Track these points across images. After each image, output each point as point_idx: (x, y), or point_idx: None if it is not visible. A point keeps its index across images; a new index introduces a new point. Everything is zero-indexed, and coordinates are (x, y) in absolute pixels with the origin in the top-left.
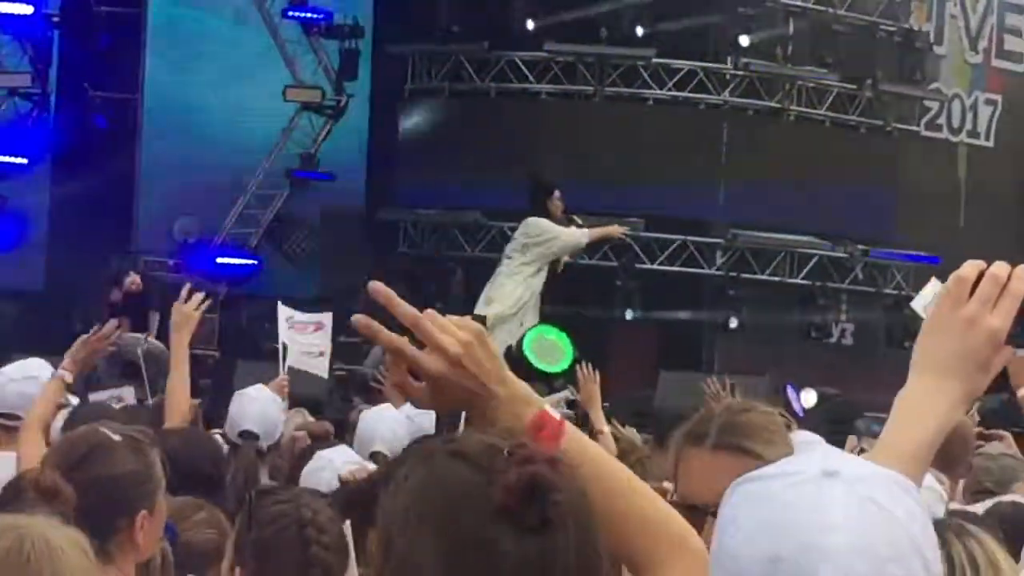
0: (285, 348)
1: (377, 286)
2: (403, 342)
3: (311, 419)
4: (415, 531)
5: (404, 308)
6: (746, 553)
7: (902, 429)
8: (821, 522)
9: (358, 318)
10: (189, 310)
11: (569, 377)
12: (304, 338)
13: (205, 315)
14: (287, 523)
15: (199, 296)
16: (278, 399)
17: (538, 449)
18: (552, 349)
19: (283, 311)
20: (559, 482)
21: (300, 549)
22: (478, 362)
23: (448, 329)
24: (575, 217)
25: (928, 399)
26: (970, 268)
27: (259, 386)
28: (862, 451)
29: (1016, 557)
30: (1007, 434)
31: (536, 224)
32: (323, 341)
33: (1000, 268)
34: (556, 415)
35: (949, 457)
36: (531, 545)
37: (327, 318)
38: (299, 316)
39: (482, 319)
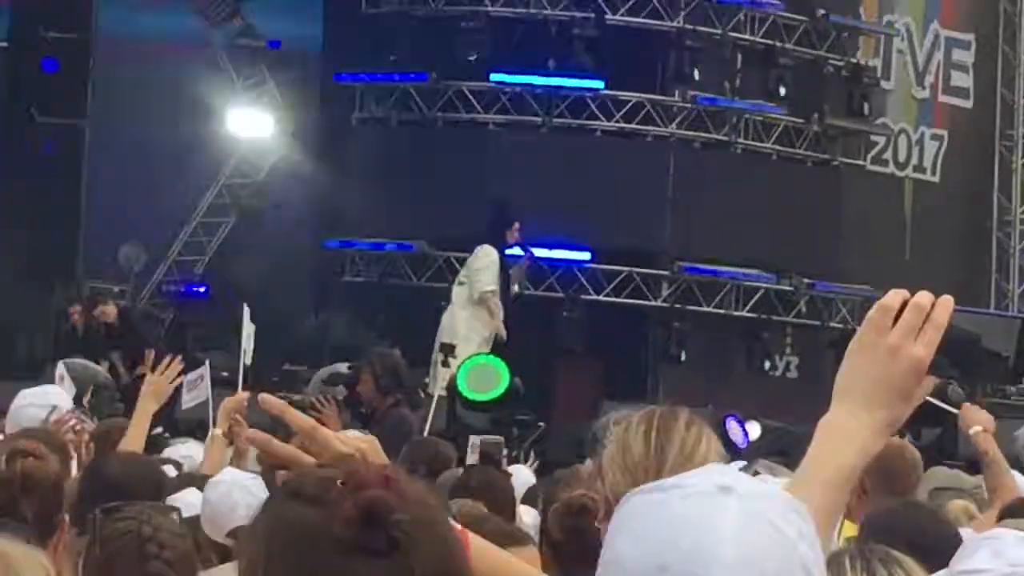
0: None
1: (267, 399)
2: (312, 424)
3: None
4: (270, 574)
5: (298, 419)
6: (634, 561)
7: (824, 455)
8: (711, 534)
9: (264, 398)
10: (164, 382)
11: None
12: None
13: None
14: (128, 540)
15: (175, 365)
16: (255, 481)
17: (372, 473)
18: (487, 376)
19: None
20: (397, 502)
21: (140, 564)
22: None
23: (344, 439)
24: (532, 250)
25: (850, 426)
26: (894, 297)
27: (228, 470)
28: None
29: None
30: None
31: (481, 251)
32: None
33: (923, 297)
34: (457, 526)
35: (893, 481)
36: (381, 569)
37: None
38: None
39: (451, 347)
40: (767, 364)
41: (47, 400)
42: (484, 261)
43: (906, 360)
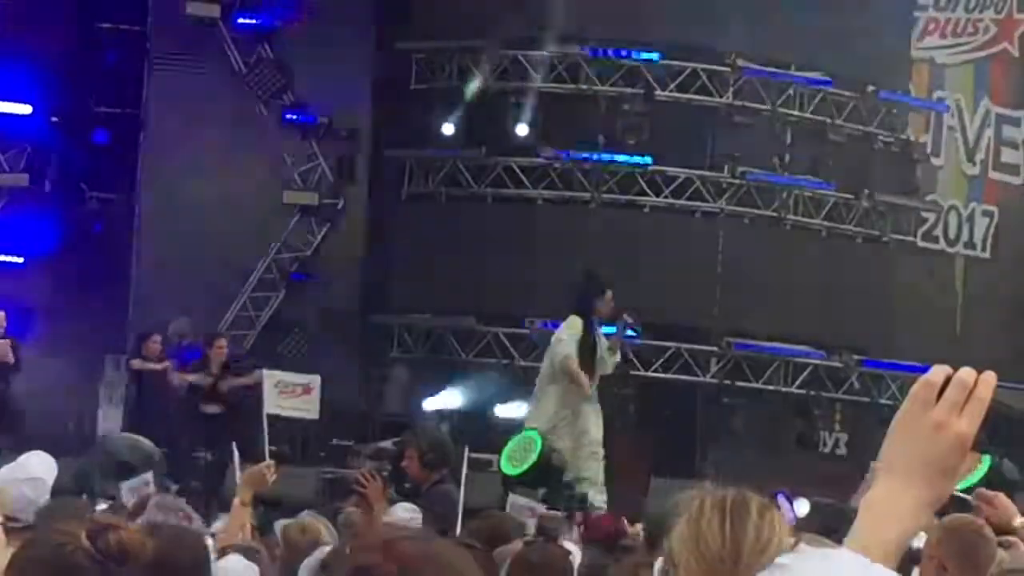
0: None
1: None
2: None
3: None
4: None
5: None
6: None
7: (868, 532)
8: None
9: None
10: (266, 473)
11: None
12: (290, 402)
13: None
14: None
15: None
16: (252, 567)
17: (374, 540)
18: (525, 449)
19: (269, 377)
20: (387, 567)
21: None
22: None
23: None
24: (626, 316)
25: (894, 503)
26: (938, 372)
27: (233, 557)
28: None
29: None
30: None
31: (563, 324)
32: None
33: (967, 373)
34: None
35: (974, 559)
36: None
37: (315, 380)
38: (288, 378)
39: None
40: (816, 440)
41: (30, 473)
42: (563, 333)
43: (950, 436)
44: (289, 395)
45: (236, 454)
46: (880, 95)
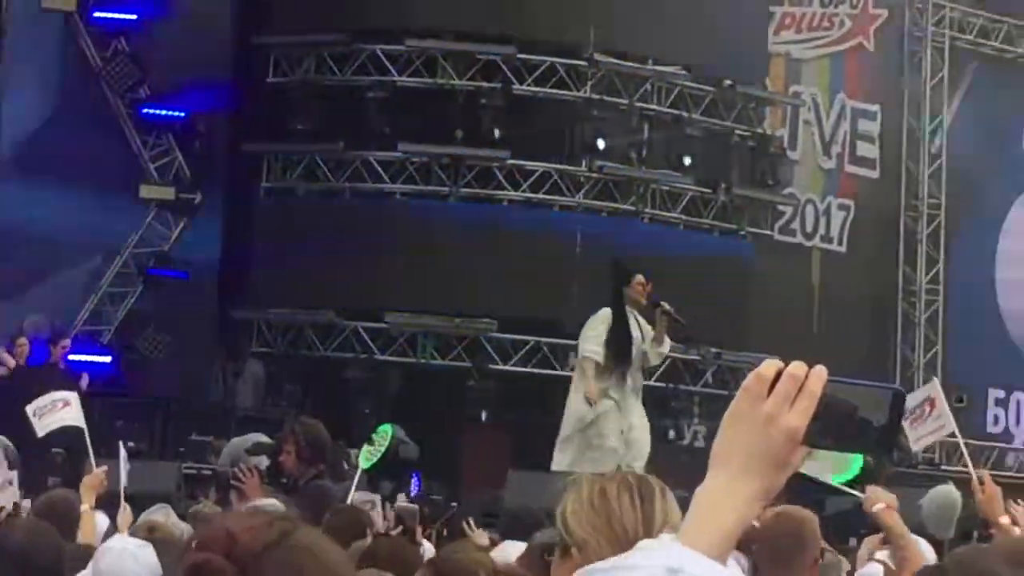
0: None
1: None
2: None
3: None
4: None
5: None
6: None
7: (700, 524)
8: None
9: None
10: (102, 477)
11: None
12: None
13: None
14: None
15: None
16: (145, 548)
17: (216, 534)
18: (380, 442)
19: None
20: (221, 563)
21: None
22: None
23: None
24: (663, 304)
25: (725, 496)
26: (769, 366)
27: (119, 537)
28: None
29: None
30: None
31: (591, 318)
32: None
33: (798, 367)
34: None
35: (783, 555)
36: None
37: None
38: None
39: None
40: (675, 433)
41: None
42: (589, 327)
43: (781, 429)
44: (49, 413)
45: (124, 452)
46: (737, 89)
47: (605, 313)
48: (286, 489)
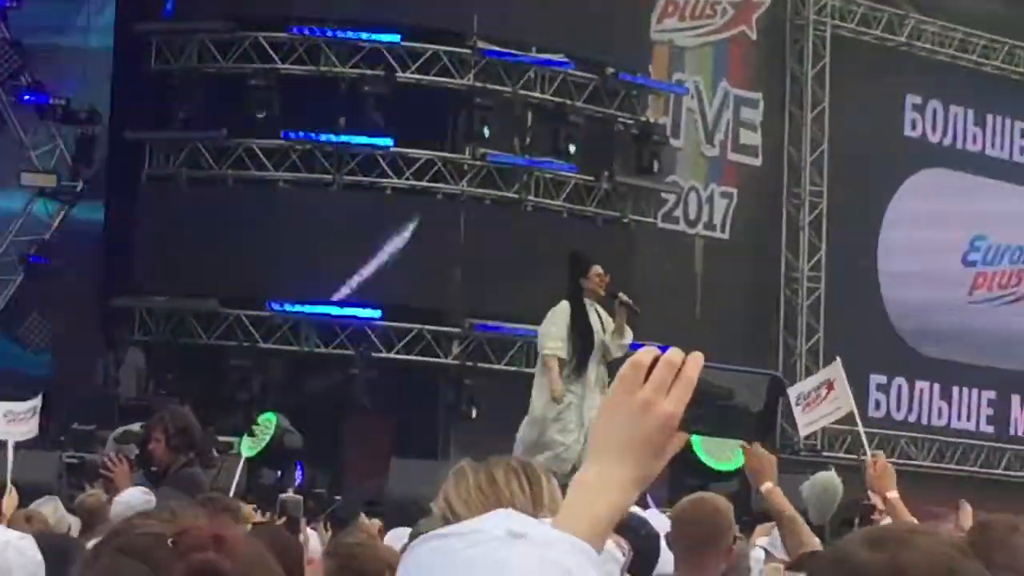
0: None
1: None
2: None
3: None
4: None
5: None
6: None
7: (578, 510)
8: None
9: None
10: None
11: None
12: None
13: None
14: None
15: None
16: (27, 541)
17: (202, 533)
18: (263, 431)
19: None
20: (228, 565)
21: None
22: None
23: None
24: (621, 295)
25: (602, 483)
26: (646, 354)
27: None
28: None
29: None
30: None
31: (550, 312)
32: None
33: (674, 354)
34: None
35: (700, 541)
36: None
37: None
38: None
39: None
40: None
41: None
42: (549, 322)
43: (657, 416)
44: (19, 423)
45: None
46: (620, 77)
47: (563, 307)
48: (156, 477)
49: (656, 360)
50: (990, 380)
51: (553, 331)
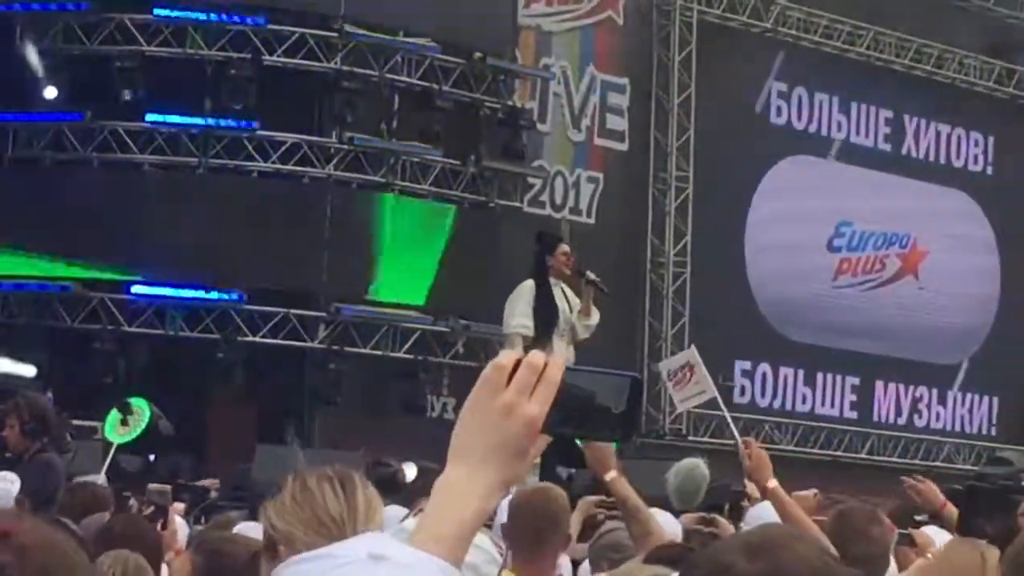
0: None
1: None
2: None
3: None
4: None
5: None
6: None
7: (442, 513)
8: None
9: None
10: None
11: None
12: None
13: None
14: None
15: None
16: None
17: None
18: (134, 417)
19: None
20: (7, 559)
21: None
22: None
23: None
24: (589, 273)
25: (465, 487)
26: (508, 356)
27: None
28: None
29: None
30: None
31: (515, 291)
32: None
33: (537, 356)
34: None
35: (535, 533)
36: None
37: None
38: None
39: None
40: (424, 405)
41: None
42: (514, 301)
43: (520, 418)
44: None
45: None
46: (487, 62)
47: (528, 285)
48: (11, 463)
49: (519, 363)
50: (854, 366)
51: (518, 309)
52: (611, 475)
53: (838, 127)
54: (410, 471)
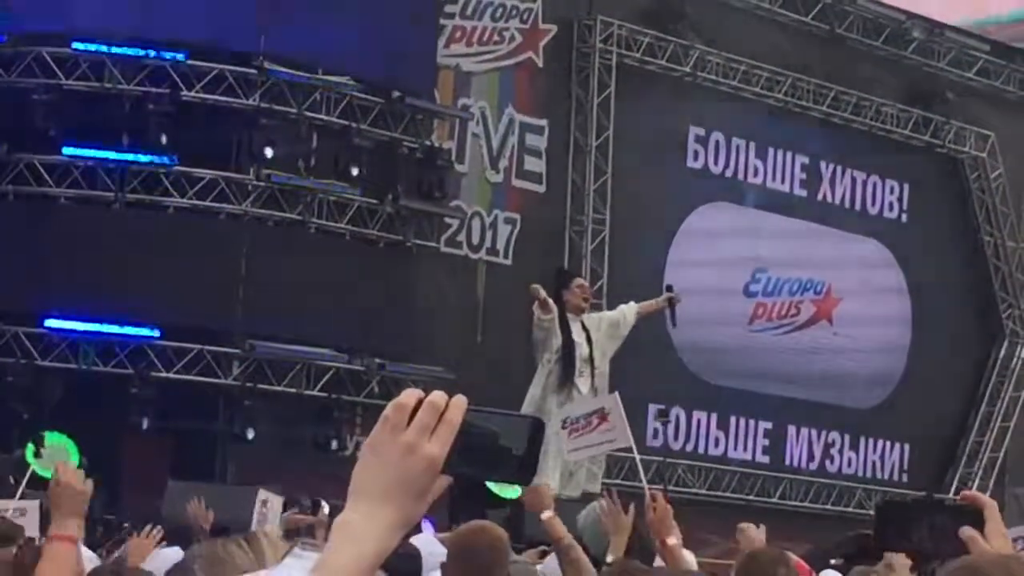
0: None
1: None
2: None
3: None
4: None
5: None
6: None
7: (339, 554)
8: None
9: None
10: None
11: None
12: None
13: None
14: None
15: None
16: None
17: None
18: (57, 454)
19: None
20: None
21: None
22: None
23: None
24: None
25: (365, 525)
26: (409, 395)
27: None
28: None
29: None
30: None
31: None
32: None
33: (438, 396)
34: None
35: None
36: None
37: None
38: None
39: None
40: (336, 443)
41: None
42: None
43: (420, 458)
44: None
45: None
46: (406, 101)
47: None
48: None
49: (420, 402)
50: (768, 410)
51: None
52: (547, 515)
53: (755, 172)
54: (324, 509)
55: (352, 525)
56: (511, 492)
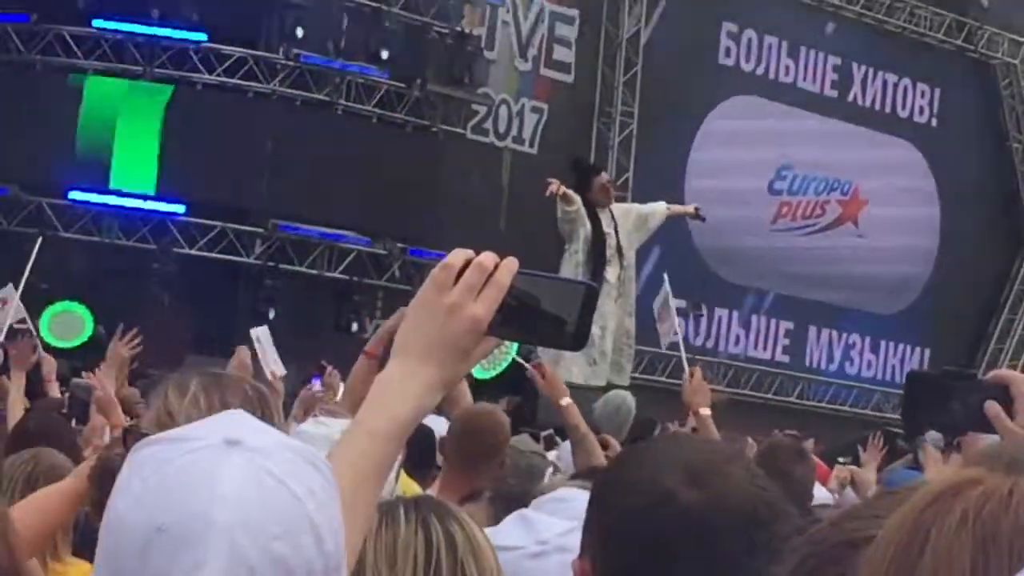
0: None
1: None
2: None
3: None
4: None
5: None
6: (132, 520)
7: (378, 407)
8: (211, 492)
9: None
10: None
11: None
12: None
13: None
14: None
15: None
16: None
17: None
18: (71, 324)
19: None
20: None
21: None
22: None
23: None
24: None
25: (405, 382)
26: (458, 256)
27: None
28: None
29: None
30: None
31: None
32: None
33: (487, 257)
34: None
35: (476, 453)
36: None
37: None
38: None
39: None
40: (356, 326)
41: None
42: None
43: (464, 319)
44: None
45: None
46: None
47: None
48: None
49: (468, 262)
50: (789, 310)
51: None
52: (565, 401)
53: (786, 71)
54: (340, 390)
55: (391, 382)
56: (485, 373)
